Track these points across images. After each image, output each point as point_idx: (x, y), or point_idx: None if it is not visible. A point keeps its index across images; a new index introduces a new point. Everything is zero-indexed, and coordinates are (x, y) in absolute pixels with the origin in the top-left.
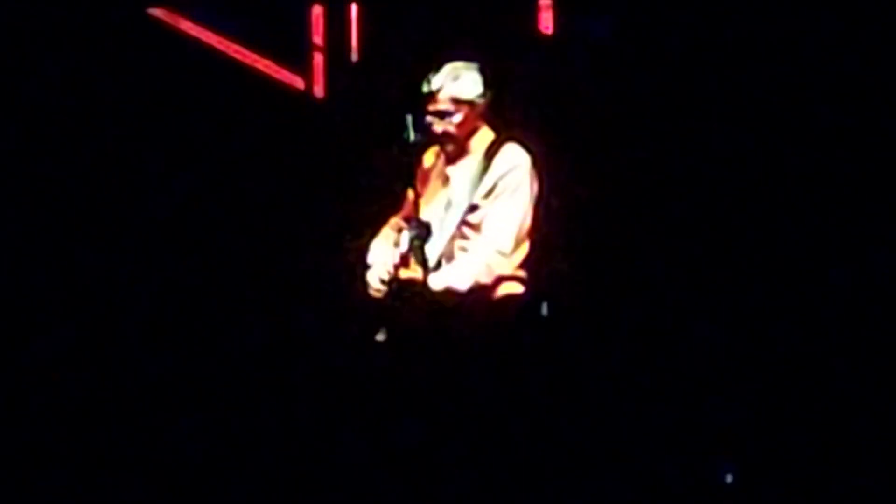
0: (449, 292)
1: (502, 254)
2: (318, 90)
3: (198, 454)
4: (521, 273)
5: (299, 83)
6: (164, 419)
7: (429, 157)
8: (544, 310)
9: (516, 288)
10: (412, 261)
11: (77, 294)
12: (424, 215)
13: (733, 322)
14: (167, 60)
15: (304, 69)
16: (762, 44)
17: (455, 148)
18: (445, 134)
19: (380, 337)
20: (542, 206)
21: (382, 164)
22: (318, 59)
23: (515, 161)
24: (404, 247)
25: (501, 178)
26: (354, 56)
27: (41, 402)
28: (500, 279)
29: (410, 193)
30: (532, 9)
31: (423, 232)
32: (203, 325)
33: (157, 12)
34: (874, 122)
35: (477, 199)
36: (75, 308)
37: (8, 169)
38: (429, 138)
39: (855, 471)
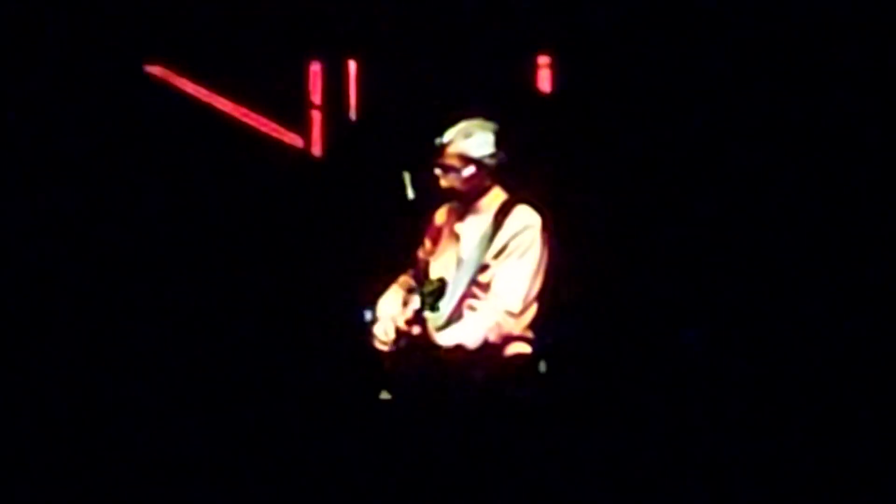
0: (457, 350)
1: (511, 314)
2: (317, 149)
3: None
4: (529, 334)
5: (298, 141)
6: (169, 472)
7: (441, 215)
8: (542, 367)
9: (524, 348)
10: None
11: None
12: (434, 273)
13: (744, 384)
14: (164, 118)
15: (303, 127)
16: (763, 91)
17: (464, 206)
18: (452, 190)
19: (384, 396)
20: (551, 268)
21: (390, 222)
22: (317, 117)
23: (527, 222)
24: (417, 304)
25: (512, 238)
26: (353, 114)
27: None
28: (509, 339)
29: (420, 251)
30: (530, 67)
31: (437, 290)
32: (204, 387)
33: (154, 70)
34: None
35: (487, 259)
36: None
37: (4, 226)
38: (435, 193)
39: None
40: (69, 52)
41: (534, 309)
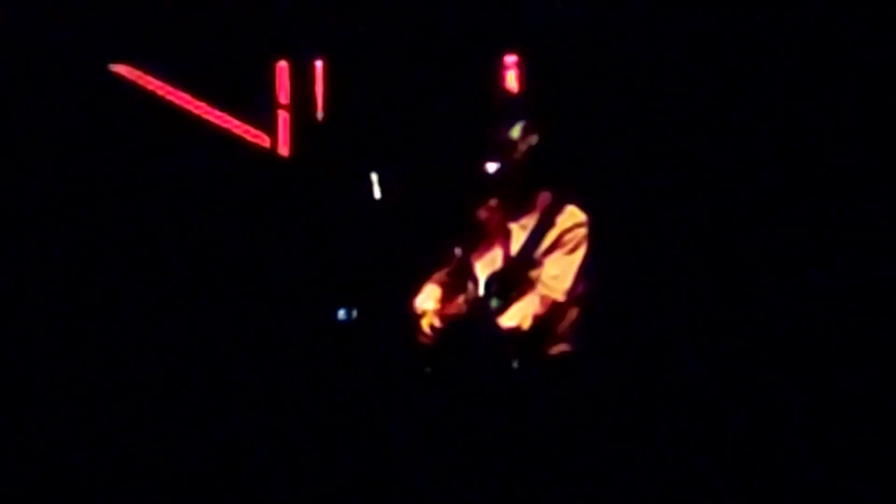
0: (514, 332)
1: (556, 302)
2: (284, 148)
3: None
4: (571, 334)
5: (265, 141)
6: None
7: (484, 212)
8: (515, 364)
9: (565, 347)
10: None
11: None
12: (480, 269)
13: (771, 401)
14: (131, 118)
15: (270, 127)
16: (733, 91)
17: (520, 202)
18: (517, 186)
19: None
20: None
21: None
22: (284, 116)
23: (579, 219)
24: (482, 291)
25: (563, 234)
26: (320, 114)
27: None
28: (554, 338)
29: (458, 248)
30: (497, 67)
31: (501, 278)
32: (172, 390)
33: (120, 69)
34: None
35: (538, 255)
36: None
37: None
38: (499, 190)
39: None
40: (35, 52)
41: (575, 310)
